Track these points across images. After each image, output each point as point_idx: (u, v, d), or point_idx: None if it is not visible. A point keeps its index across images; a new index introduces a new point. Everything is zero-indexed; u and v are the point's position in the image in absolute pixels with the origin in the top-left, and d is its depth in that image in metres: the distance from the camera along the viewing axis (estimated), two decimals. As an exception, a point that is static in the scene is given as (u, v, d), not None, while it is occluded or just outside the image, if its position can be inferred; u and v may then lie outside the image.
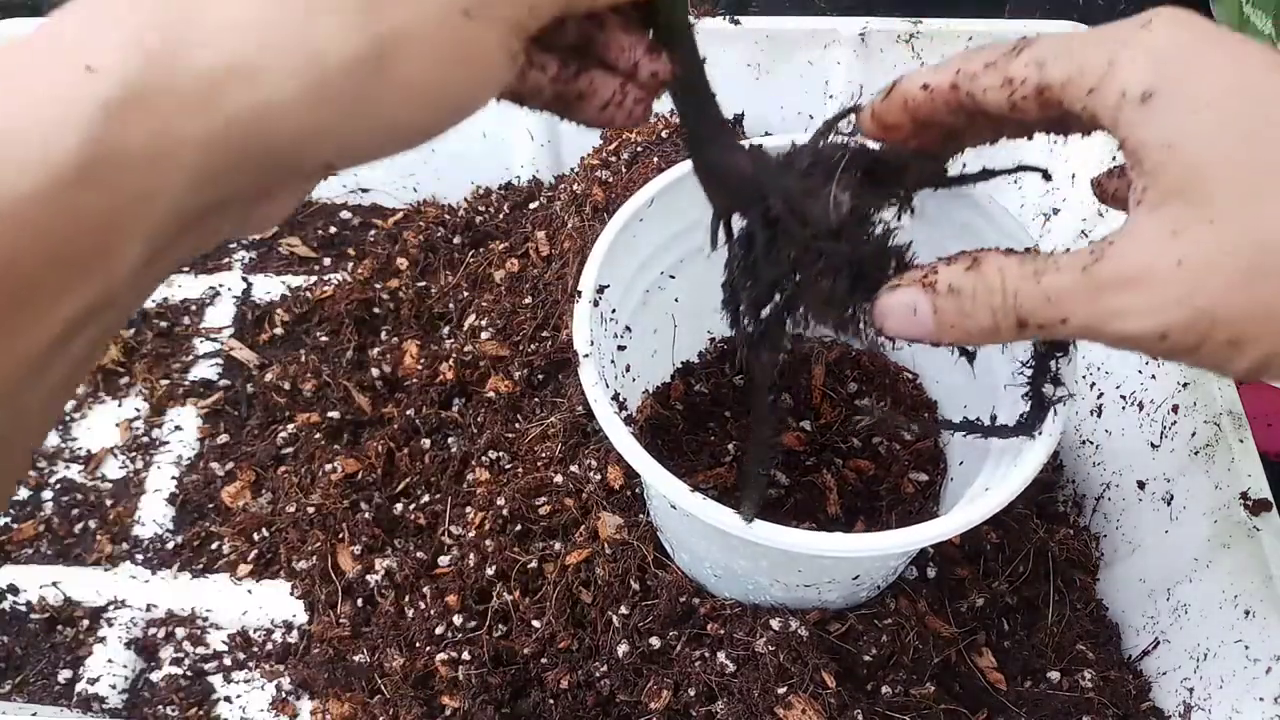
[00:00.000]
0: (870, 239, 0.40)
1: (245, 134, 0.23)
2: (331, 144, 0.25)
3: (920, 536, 0.42)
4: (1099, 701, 0.55)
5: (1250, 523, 0.51)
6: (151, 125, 0.22)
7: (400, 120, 0.26)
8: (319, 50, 0.24)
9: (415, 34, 0.25)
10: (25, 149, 0.21)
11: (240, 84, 0.23)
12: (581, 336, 0.46)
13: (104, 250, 0.22)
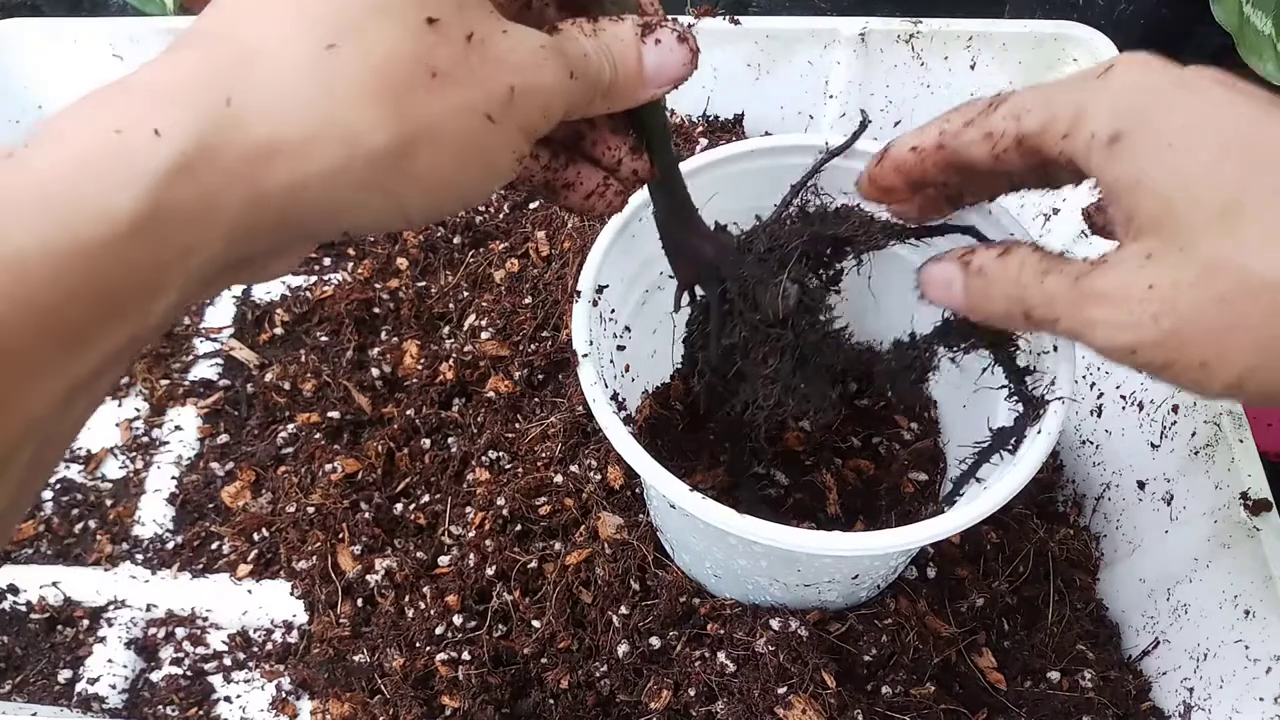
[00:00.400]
0: (815, 327, 0.44)
1: (280, 203, 0.25)
2: (350, 220, 0.28)
3: (918, 536, 0.42)
4: (1099, 701, 0.55)
5: (1250, 523, 0.51)
6: (201, 190, 0.24)
7: (412, 206, 0.29)
8: (352, 137, 0.26)
9: (439, 132, 0.28)
10: (90, 201, 0.22)
11: (281, 160, 0.25)
12: (580, 336, 0.46)
13: (144, 297, 0.24)
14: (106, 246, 0.22)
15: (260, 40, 0.26)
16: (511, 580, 0.58)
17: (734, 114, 0.79)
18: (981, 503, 0.42)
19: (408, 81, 0.27)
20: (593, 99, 0.33)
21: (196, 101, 0.24)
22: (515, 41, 0.29)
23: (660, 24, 0.34)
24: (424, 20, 0.27)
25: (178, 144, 0.24)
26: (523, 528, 0.60)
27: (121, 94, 0.24)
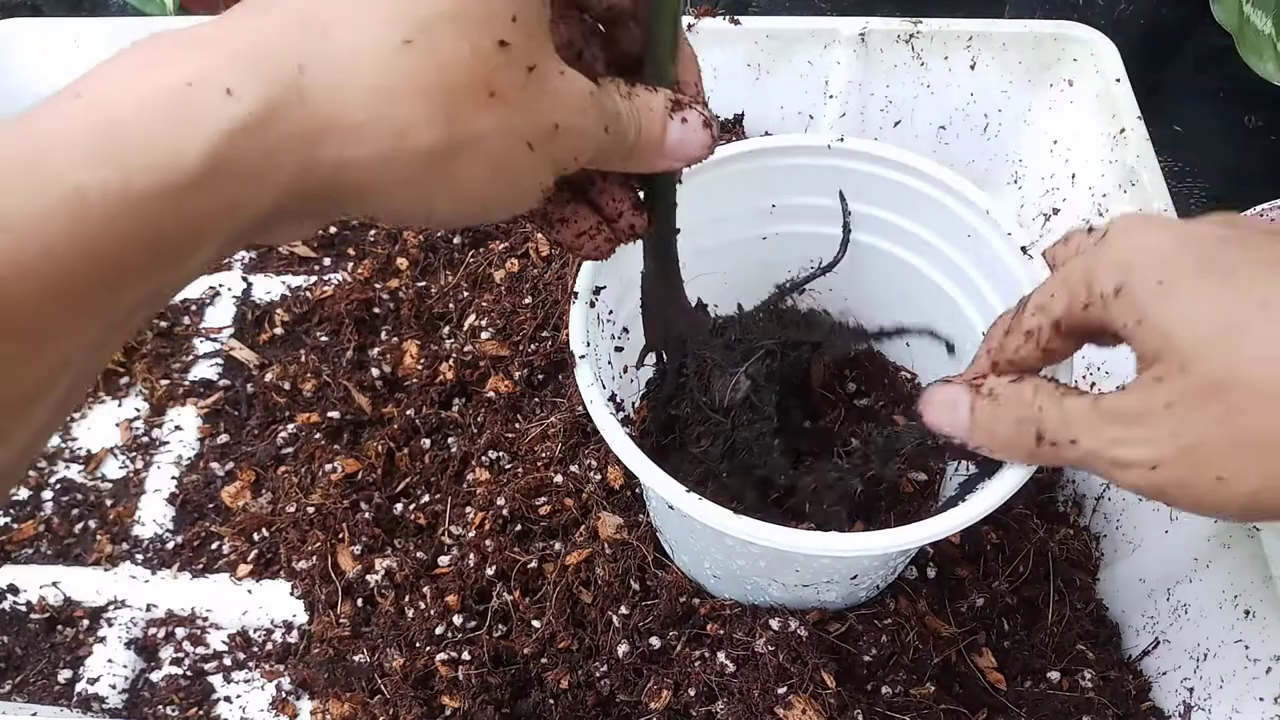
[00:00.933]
0: (753, 425, 0.47)
1: (326, 175, 0.27)
2: (381, 205, 0.29)
3: (914, 536, 0.42)
4: (1099, 701, 0.55)
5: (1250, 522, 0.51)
6: (263, 149, 0.25)
7: (438, 207, 0.30)
8: (403, 132, 0.27)
9: (482, 146, 0.29)
10: (156, 149, 0.23)
11: (336, 135, 0.26)
12: (577, 337, 0.46)
13: (191, 245, 0.25)
14: (165, 195, 0.23)
15: (339, 18, 0.26)
16: (511, 580, 0.58)
17: (734, 114, 0.79)
18: (977, 503, 0.42)
19: (466, 93, 0.28)
20: (615, 155, 0.35)
21: (270, 66, 0.25)
22: (568, 83, 0.31)
23: (690, 105, 0.36)
24: (496, 41, 0.28)
25: (247, 104, 0.24)
26: (523, 528, 0.60)
27: (194, 46, 0.25)
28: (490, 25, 0.28)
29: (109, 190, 0.23)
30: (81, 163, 0.22)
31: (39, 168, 0.22)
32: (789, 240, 0.58)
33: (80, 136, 0.23)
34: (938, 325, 0.56)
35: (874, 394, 0.63)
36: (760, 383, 0.47)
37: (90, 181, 0.22)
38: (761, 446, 0.47)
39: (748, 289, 0.61)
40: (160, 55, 0.25)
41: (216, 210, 0.25)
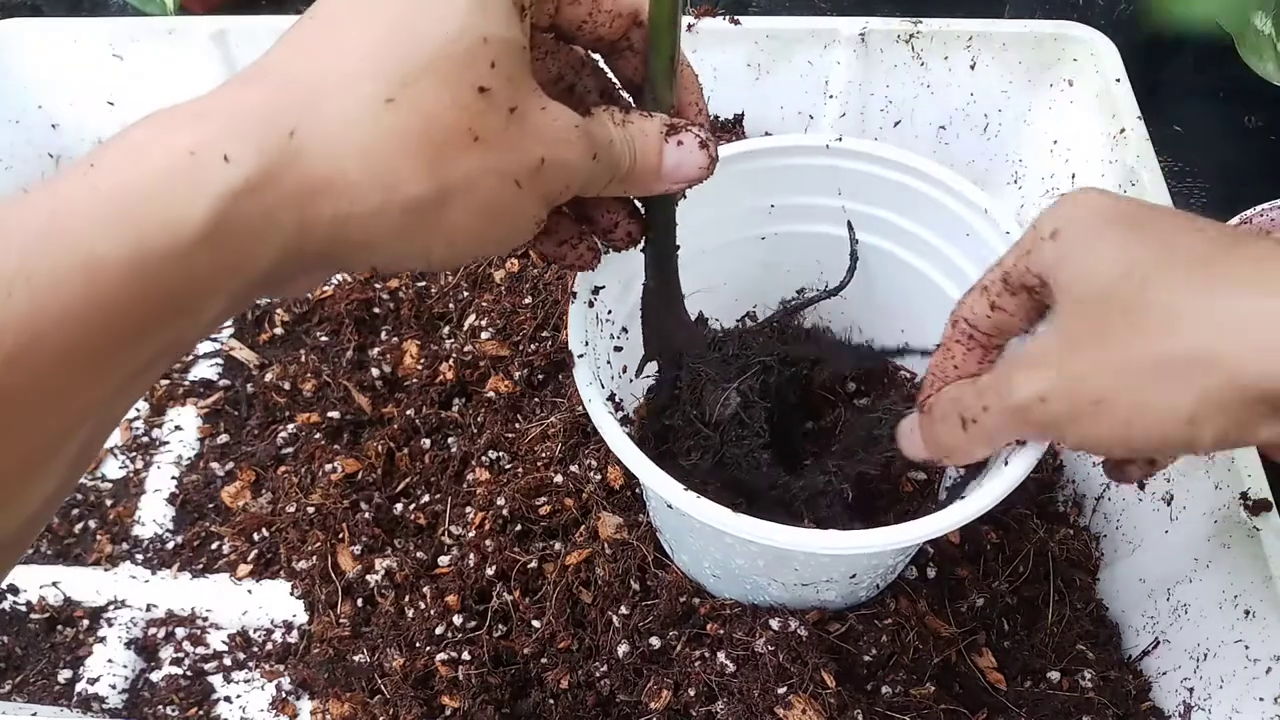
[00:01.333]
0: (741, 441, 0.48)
1: (324, 233, 0.28)
2: (380, 257, 0.31)
3: (911, 534, 0.42)
4: (1099, 701, 0.55)
5: (1250, 523, 0.51)
6: (261, 211, 0.27)
7: (435, 252, 0.31)
8: (392, 186, 0.28)
9: (471, 191, 0.30)
10: (163, 214, 0.25)
11: (329, 196, 0.28)
12: (576, 337, 0.46)
13: (200, 301, 0.27)
14: (173, 254, 0.25)
15: (324, 83, 0.28)
16: (511, 580, 0.58)
17: (734, 114, 0.79)
18: (974, 502, 0.42)
19: (450, 142, 0.29)
20: (609, 182, 0.36)
21: (264, 132, 0.27)
22: (551, 118, 0.32)
23: (686, 128, 0.37)
24: (476, 88, 0.29)
25: (244, 169, 0.26)
26: (523, 528, 0.60)
27: (196, 118, 0.27)
28: (469, 73, 0.29)
29: (122, 253, 0.24)
30: (96, 228, 0.24)
31: (57, 234, 0.24)
32: (788, 240, 0.58)
33: (94, 203, 0.24)
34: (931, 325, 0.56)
35: (874, 394, 0.63)
36: (751, 399, 0.48)
37: (105, 246, 0.24)
38: (750, 462, 0.48)
39: (747, 289, 0.62)
40: (165, 128, 0.26)
41: (222, 268, 0.26)
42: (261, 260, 0.27)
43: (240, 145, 0.26)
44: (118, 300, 0.24)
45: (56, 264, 0.24)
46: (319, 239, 0.28)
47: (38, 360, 0.24)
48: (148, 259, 0.25)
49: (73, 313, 0.24)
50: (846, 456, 0.51)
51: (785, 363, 0.51)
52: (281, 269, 0.28)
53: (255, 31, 0.75)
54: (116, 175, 0.25)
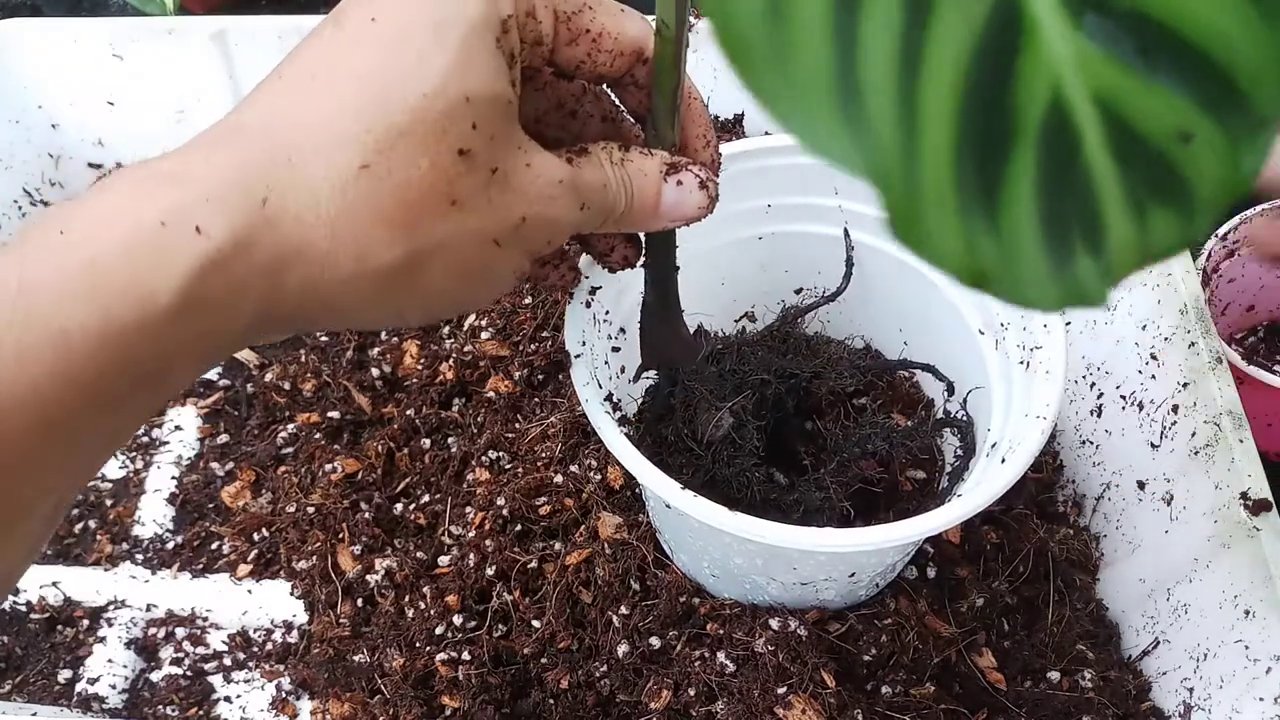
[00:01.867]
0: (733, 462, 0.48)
1: (295, 300, 0.28)
2: (351, 322, 0.31)
3: (907, 532, 0.42)
4: (1099, 701, 0.55)
5: (1250, 523, 0.51)
6: (231, 283, 0.26)
7: (410, 314, 0.31)
8: (364, 255, 0.28)
9: (447, 253, 0.29)
10: (132, 289, 0.24)
11: (300, 263, 0.27)
12: (573, 337, 0.46)
13: (168, 371, 0.26)
14: (143, 328, 0.25)
15: (299, 148, 0.27)
16: (511, 580, 0.58)
17: (734, 114, 0.79)
18: (972, 499, 0.42)
19: (426, 207, 0.28)
20: (604, 223, 0.35)
21: (236, 200, 0.26)
22: (534, 175, 0.31)
23: (686, 167, 0.35)
24: (455, 151, 0.28)
25: (215, 241, 0.25)
26: (523, 528, 0.60)
27: (168, 182, 0.26)
28: (448, 136, 0.28)
29: (90, 328, 0.24)
30: (66, 302, 0.24)
31: (25, 307, 0.23)
32: (786, 240, 0.58)
33: (64, 275, 0.24)
34: (929, 324, 0.56)
35: (872, 393, 0.63)
36: (744, 419, 0.48)
37: (73, 321, 0.24)
38: (741, 482, 0.48)
39: (746, 289, 0.62)
40: (137, 193, 0.26)
41: (191, 339, 0.26)
42: (230, 329, 0.27)
43: (212, 214, 0.25)
44: (87, 374, 0.24)
45: (24, 338, 0.23)
46: (288, 305, 0.28)
47: (7, 434, 0.23)
48: (117, 334, 0.24)
49: (42, 387, 0.23)
50: (842, 472, 0.51)
51: (783, 378, 0.52)
52: (249, 333, 0.28)
53: (255, 31, 0.75)
54: (86, 247, 0.24)
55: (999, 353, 0.52)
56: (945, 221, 0.16)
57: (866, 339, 0.63)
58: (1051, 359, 0.47)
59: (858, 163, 0.16)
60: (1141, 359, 0.60)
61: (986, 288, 0.17)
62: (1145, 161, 0.17)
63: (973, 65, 0.16)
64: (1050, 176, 0.17)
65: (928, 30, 0.16)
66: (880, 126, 0.16)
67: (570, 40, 0.33)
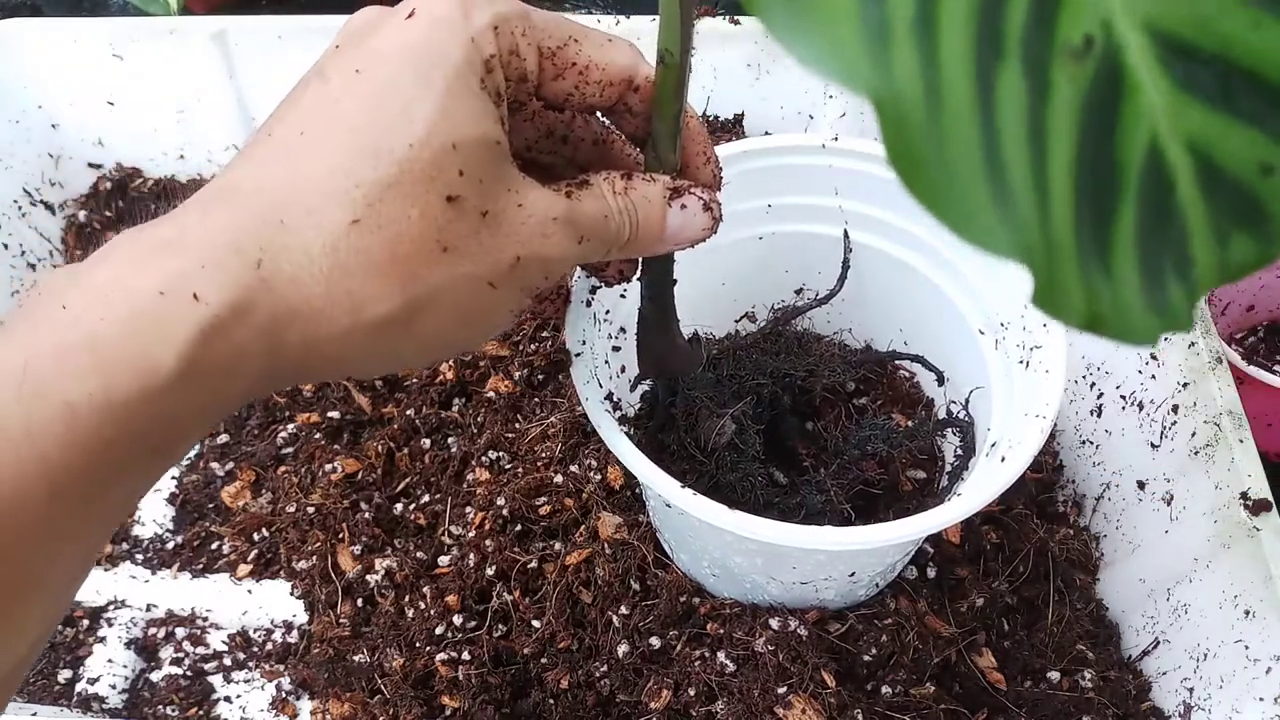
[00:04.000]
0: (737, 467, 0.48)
1: (295, 357, 0.28)
2: (353, 370, 0.31)
3: (906, 530, 0.42)
4: (1099, 701, 0.55)
5: (1250, 523, 0.51)
6: (231, 348, 0.26)
7: (407, 359, 0.31)
8: (359, 308, 0.28)
9: (442, 298, 0.29)
10: (134, 360, 0.25)
11: (298, 322, 0.27)
12: (573, 336, 0.46)
13: (174, 439, 0.27)
14: (147, 399, 0.25)
15: (289, 208, 0.27)
16: (511, 580, 0.58)
17: (734, 114, 0.79)
18: (970, 499, 0.42)
19: (418, 257, 0.28)
20: (607, 253, 0.34)
21: (231, 266, 0.26)
22: (527, 214, 0.30)
23: (689, 190, 0.35)
24: (444, 198, 0.28)
25: (214, 307, 0.26)
26: (523, 528, 0.60)
27: (164, 250, 0.26)
28: (437, 183, 0.28)
29: (95, 401, 0.24)
30: (71, 377, 0.24)
31: (33, 383, 0.24)
32: (786, 240, 0.58)
33: (67, 350, 0.24)
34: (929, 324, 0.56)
35: (872, 393, 0.63)
36: (745, 424, 0.48)
37: (79, 395, 0.24)
38: (745, 486, 0.48)
39: (745, 289, 0.62)
40: (135, 261, 0.26)
41: (195, 404, 0.26)
42: (234, 391, 0.27)
43: (208, 281, 0.26)
44: (95, 446, 0.24)
45: (33, 414, 0.24)
46: (289, 363, 0.28)
47: (18, 512, 0.24)
48: (122, 405, 0.25)
49: (52, 461, 0.24)
50: (842, 474, 0.51)
51: (779, 381, 0.52)
52: (252, 392, 0.28)
53: (255, 31, 0.75)
54: (88, 321, 0.25)
55: (999, 352, 0.52)
56: (1072, 280, 0.17)
57: (867, 339, 0.63)
58: (1051, 358, 0.47)
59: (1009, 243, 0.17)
60: (1141, 359, 0.60)
61: (1100, 331, 0.18)
62: (1229, 193, 0.18)
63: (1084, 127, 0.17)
64: (1148, 217, 0.18)
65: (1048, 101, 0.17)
66: (1022, 204, 0.17)
67: (556, 75, 0.33)
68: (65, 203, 0.83)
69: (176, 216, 0.28)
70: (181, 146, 0.82)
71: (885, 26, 0.16)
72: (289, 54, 0.75)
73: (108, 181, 0.83)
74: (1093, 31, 0.17)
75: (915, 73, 0.16)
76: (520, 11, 0.31)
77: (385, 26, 0.29)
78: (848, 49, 0.16)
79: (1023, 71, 0.17)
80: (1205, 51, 0.17)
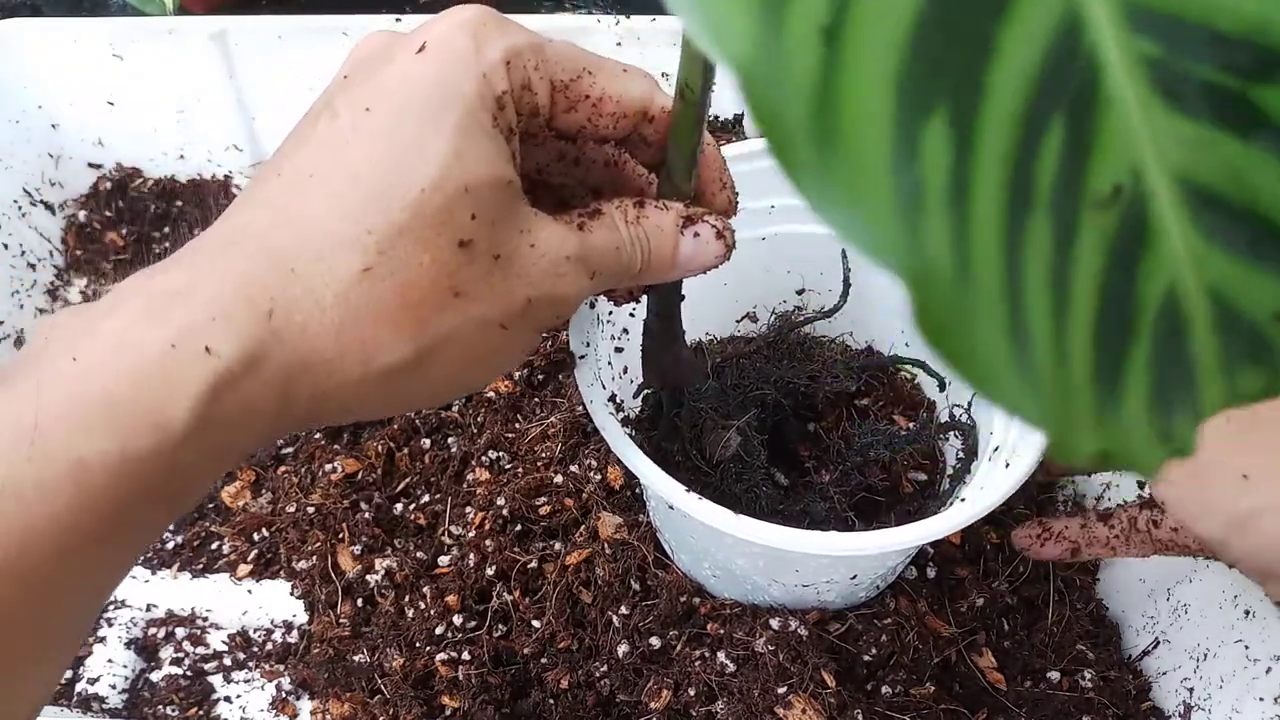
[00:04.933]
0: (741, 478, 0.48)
1: (305, 407, 0.28)
2: (362, 415, 0.31)
3: (911, 536, 0.42)
4: (1099, 701, 0.55)
5: (1250, 523, 0.51)
6: (242, 400, 0.26)
7: (417, 402, 0.32)
8: (370, 356, 0.28)
9: (454, 342, 0.29)
10: (148, 418, 0.25)
11: (309, 375, 0.27)
12: (576, 338, 0.46)
13: (184, 492, 0.27)
14: (159, 453, 0.25)
15: (299, 254, 0.27)
16: (511, 580, 0.58)
17: (734, 114, 0.79)
18: (976, 504, 0.42)
19: (430, 302, 0.28)
20: (618, 283, 0.34)
21: (242, 317, 0.26)
22: (539, 254, 0.30)
23: (702, 218, 0.35)
24: (455, 243, 0.28)
25: (225, 361, 0.26)
26: (523, 528, 0.60)
27: (174, 300, 0.26)
28: (448, 228, 0.28)
29: (108, 458, 0.24)
30: (81, 434, 0.24)
31: (42, 442, 0.24)
32: (788, 241, 0.58)
33: (78, 405, 0.24)
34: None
35: (874, 394, 0.63)
36: (750, 435, 0.48)
37: (90, 452, 0.24)
38: (750, 497, 0.48)
39: (748, 291, 0.62)
40: (145, 312, 0.26)
41: (205, 456, 0.26)
42: (243, 441, 0.27)
43: (219, 333, 0.26)
44: (105, 502, 0.24)
45: (43, 474, 0.24)
46: (299, 412, 0.28)
47: (28, 568, 0.24)
48: (134, 460, 0.25)
49: (62, 518, 0.24)
50: (845, 480, 0.51)
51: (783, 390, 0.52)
52: (262, 441, 0.28)
53: (255, 31, 0.75)
54: (99, 376, 0.25)
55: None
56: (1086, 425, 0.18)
57: (868, 340, 0.63)
58: None
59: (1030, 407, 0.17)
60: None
61: (1106, 467, 0.19)
62: (1241, 335, 0.19)
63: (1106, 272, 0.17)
64: (1160, 357, 0.18)
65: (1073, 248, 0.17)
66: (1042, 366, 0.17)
67: (569, 108, 0.32)
68: (65, 203, 0.83)
69: (185, 261, 0.28)
70: (181, 146, 0.82)
71: (919, 195, 0.16)
72: (289, 54, 0.74)
73: (108, 181, 0.83)
74: (1122, 180, 0.17)
75: (947, 244, 0.16)
76: (533, 44, 0.31)
77: (395, 60, 0.29)
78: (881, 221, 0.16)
79: (1050, 221, 0.17)
80: (1234, 203, 0.18)
